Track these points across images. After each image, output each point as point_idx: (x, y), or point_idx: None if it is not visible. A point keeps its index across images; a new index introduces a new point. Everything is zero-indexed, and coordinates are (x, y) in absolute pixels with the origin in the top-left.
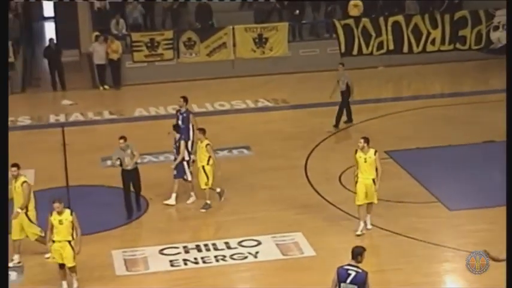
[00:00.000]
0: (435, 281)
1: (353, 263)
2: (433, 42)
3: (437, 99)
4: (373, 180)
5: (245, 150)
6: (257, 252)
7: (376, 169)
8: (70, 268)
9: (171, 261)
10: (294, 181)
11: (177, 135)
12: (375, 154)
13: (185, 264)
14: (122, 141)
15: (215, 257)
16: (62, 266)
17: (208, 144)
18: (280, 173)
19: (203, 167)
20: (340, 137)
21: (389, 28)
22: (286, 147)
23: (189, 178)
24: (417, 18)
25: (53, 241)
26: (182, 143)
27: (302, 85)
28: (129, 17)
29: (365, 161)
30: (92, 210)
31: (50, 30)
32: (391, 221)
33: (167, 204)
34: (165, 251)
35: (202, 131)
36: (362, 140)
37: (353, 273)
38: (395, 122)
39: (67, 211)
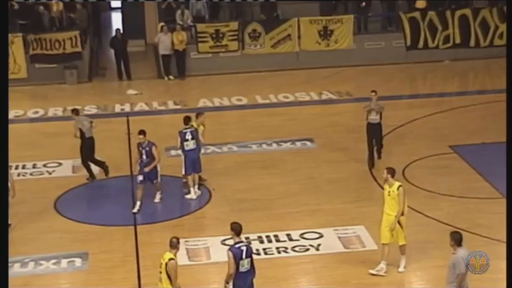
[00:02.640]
0: (498, 278)
1: (239, 239)
2: (500, 36)
3: (504, 94)
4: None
5: (308, 143)
6: (319, 245)
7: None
8: None
9: None
10: (356, 174)
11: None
12: (398, 189)
13: None
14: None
15: (277, 248)
16: None
17: (199, 126)
18: (343, 165)
19: None
20: (403, 130)
21: (456, 21)
22: (350, 140)
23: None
24: (485, 12)
25: None
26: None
27: (366, 78)
28: (193, 8)
29: (388, 194)
30: (155, 199)
31: (116, 21)
32: (453, 215)
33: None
34: (227, 242)
35: (201, 114)
36: (385, 171)
37: (244, 248)
38: (461, 116)
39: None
